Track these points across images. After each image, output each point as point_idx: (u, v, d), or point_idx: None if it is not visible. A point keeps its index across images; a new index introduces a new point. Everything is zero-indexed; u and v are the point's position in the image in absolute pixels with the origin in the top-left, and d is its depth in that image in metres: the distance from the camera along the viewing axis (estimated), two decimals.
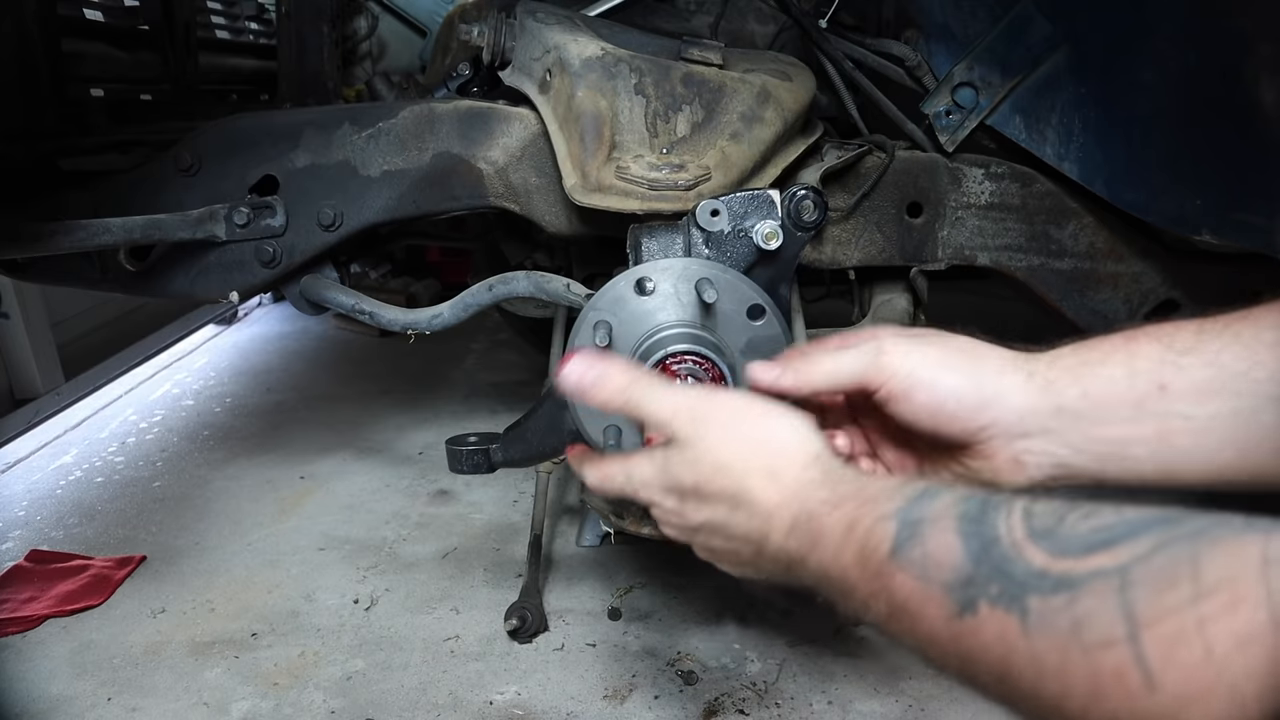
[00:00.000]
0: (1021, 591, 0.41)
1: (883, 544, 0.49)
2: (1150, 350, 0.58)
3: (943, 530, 0.47)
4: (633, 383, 0.67)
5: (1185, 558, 0.37)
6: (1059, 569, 0.41)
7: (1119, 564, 0.39)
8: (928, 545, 0.47)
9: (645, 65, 1.12)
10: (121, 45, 1.61)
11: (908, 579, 0.47)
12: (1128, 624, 0.37)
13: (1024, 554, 0.42)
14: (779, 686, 1.28)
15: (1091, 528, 0.41)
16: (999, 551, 0.44)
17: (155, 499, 1.90)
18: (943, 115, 1.31)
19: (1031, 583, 0.41)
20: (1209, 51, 1.09)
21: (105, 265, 1.34)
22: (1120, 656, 0.37)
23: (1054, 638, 0.39)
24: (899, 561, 0.48)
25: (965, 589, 0.44)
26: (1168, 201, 1.21)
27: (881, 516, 0.50)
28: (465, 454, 1.12)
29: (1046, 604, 0.40)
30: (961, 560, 0.45)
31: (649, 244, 0.98)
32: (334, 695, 1.28)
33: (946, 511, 0.48)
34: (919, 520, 0.48)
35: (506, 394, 2.46)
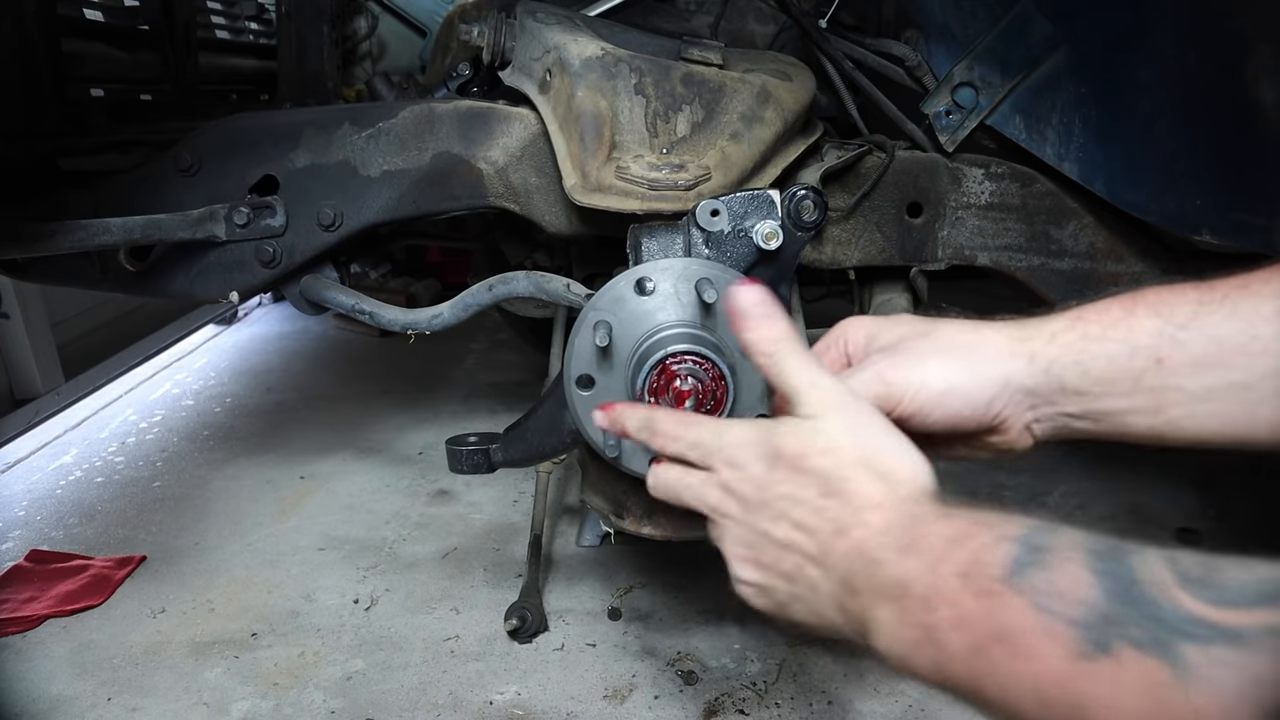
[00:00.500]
0: (1173, 637, 0.38)
1: (998, 565, 0.44)
2: (1149, 325, 0.58)
3: (1071, 562, 0.42)
4: (786, 339, 0.62)
5: None
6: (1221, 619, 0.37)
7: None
8: (1053, 573, 0.42)
9: (645, 65, 1.12)
10: (121, 45, 1.61)
11: (1025, 607, 0.42)
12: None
13: (1176, 600, 0.39)
14: (779, 686, 1.28)
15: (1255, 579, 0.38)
16: (1141, 594, 0.40)
17: (155, 499, 1.90)
18: (943, 115, 1.32)
19: (1188, 630, 0.37)
20: (1209, 51, 1.09)
21: (105, 265, 1.34)
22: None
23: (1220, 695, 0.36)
24: (1016, 584, 0.43)
25: (1099, 627, 0.40)
26: (1168, 201, 1.21)
27: (1000, 537, 0.46)
28: (465, 454, 1.12)
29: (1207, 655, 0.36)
30: (1095, 596, 0.41)
31: (649, 244, 0.98)
32: (334, 695, 1.28)
33: (1074, 544, 0.44)
34: (1043, 547, 0.44)
35: (506, 394, 2.46)
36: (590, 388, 0.94)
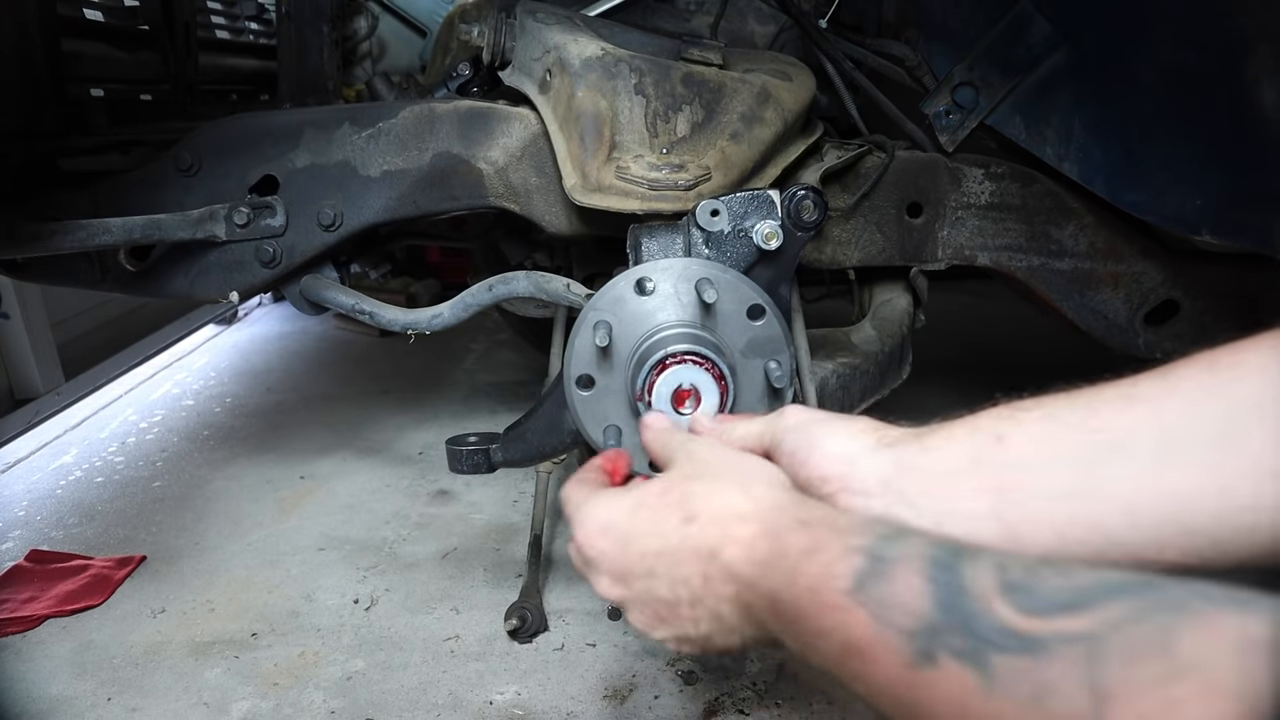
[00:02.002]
0: (985, 648, 0.39)
1: (844, 577, 0.46)
2: (993, 411, 0.58)
3: (910, 572, 0.44)
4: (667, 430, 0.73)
5: (1159, 630, 0.35)
6: (1027, 628, 0.39)
7: (1089, 630, 0.37)
8: (894, 585, 0.44)
9: (645, 65, 1.12)
10: (121, 45, 1.61)
11: (865, 619, 0.44)
12: (1094, 699, 0.35)
13: (992, 608, 0.41)
14: (779, 686, 1.28)
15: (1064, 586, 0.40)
16: (966, 603, 0.41)
17: (155, 499, 1.90)
18: (943, 115, 1.32)
19: (997, 640, 0.39)
20: (1209, 51, 1.09)
21: (105, 265, 1.34)
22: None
23: (1014, 702, 0.38)
24: (859, 597, 0.45)
25: (927, 638, 0.42)
26: (1168, 201, 1.21)
27: (850, 548, 0.48)
28: (465, 454, 1.12)
29: (1011, 665, 0.38)
30: (926, 606, 0.43)
31: (649, 244, 0.98)
32: (334, 695, 1.28)
33: (917, 553, 0.45)
34: (886, 558, 0.46)
35: (506, 394, 2.46)
36: (590, 388, 0.94)
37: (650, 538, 0.59)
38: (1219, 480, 0.49)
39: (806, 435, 0.65)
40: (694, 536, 0.56)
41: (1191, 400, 0.51)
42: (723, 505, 0.57)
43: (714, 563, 0.55)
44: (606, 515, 0.63)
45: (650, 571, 0.59)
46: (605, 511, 0.63)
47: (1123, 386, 0.54)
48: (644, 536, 0.59)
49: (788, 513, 0.54)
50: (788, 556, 0.50)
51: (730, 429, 0.72)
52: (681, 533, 0.57)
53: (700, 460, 0.63)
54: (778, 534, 0.52)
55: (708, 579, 0.56)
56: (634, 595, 0.61)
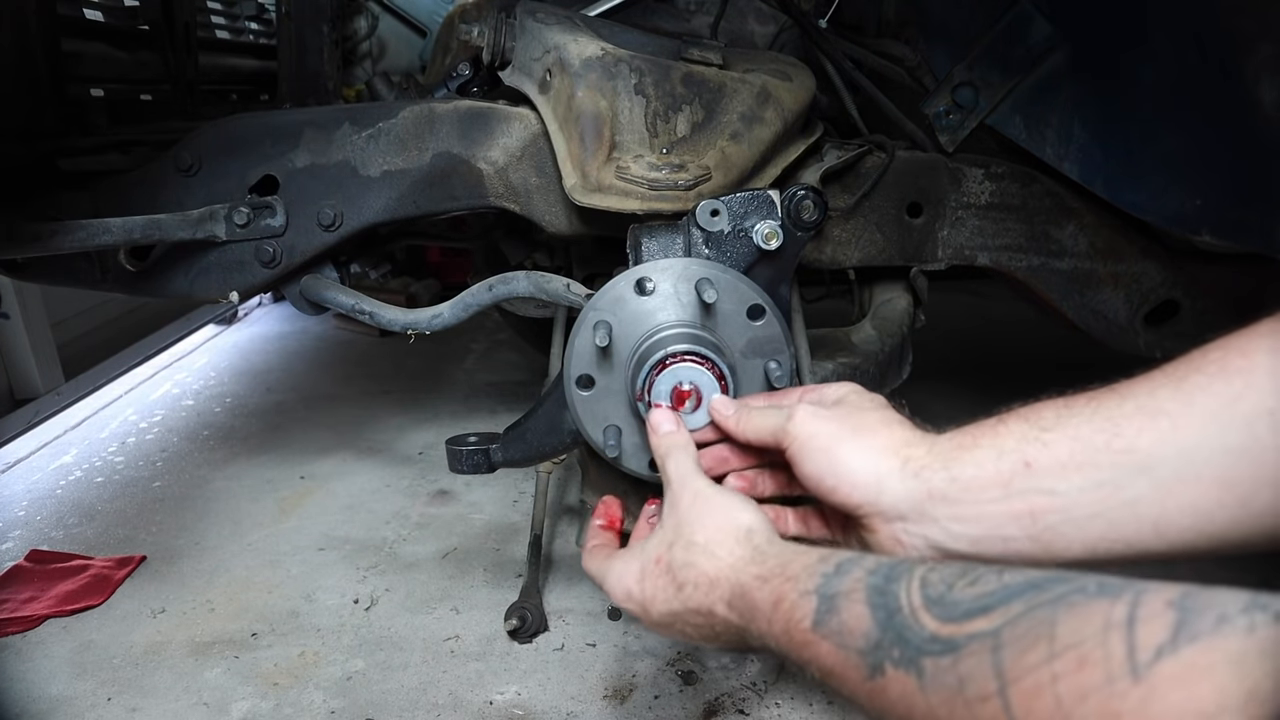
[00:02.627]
0: (917, 654, 0.47)
1: (805, 618, 0.55)
2: (1017, 429, 0.60)
3: (855, 602, 0.52)
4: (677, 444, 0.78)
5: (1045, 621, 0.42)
6: (946, 633, 0.46)
7: (993, 627, 0.44)
8: (843, 616, 0.52)
9: (645, 65, 1.12)
10: (121, 45, 1.61)
11: (830, 647, 0.53)
12: (998, 680, 0.42)
13: (919, 620, 0.48)
14: (779, 686, 1.28)
15: (974, 595, 0.47)
16: (900, 619, 0.49)
17: (155, 499, 1.90)
18: (943, 115, 1.32)
19: (925, 646, 0.47)
20: (1209, 51, 1.09)
21: (105, 265, 1.34)
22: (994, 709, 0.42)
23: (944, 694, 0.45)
24: (820, 632, 0.54)
25: (874, 653, 0.50)
26: (1168, 201, 1.21)
27: (804, 593, 0.56)
28: (465, 454, 1.12)
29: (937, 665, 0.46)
30: (870, 628, 0.51)
31: (649, 244, 0.98)
32: (334, 695, 1.28)
33: (858, 584, 0.53)
34: (835, 594, 0.54)
35: (506, 394, 2.46)
36: (590, 388, 0.94)
37: (660, 604, 0.69)
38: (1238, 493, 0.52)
39: (829, 458, 0.67)
40: (689, 601, 0.66)
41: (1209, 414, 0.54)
42: (699, 574, 0.65)
43: (712, 619, 0.65)
44: (625, 588, 0.73)
45: (673, 624, 0.69)
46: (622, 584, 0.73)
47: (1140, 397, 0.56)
48: (655, 602, 0.70)
49: (748, 571, 0.62)
50: (760, 610, 0.59)
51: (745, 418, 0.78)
52: (680, 599, 0.67)
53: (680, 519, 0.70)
54: (745, 593, 0.61)
55: (712, 625, 0.65)
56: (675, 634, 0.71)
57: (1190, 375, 0.55)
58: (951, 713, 0.44)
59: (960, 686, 0.44)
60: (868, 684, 0.50)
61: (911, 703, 0.47)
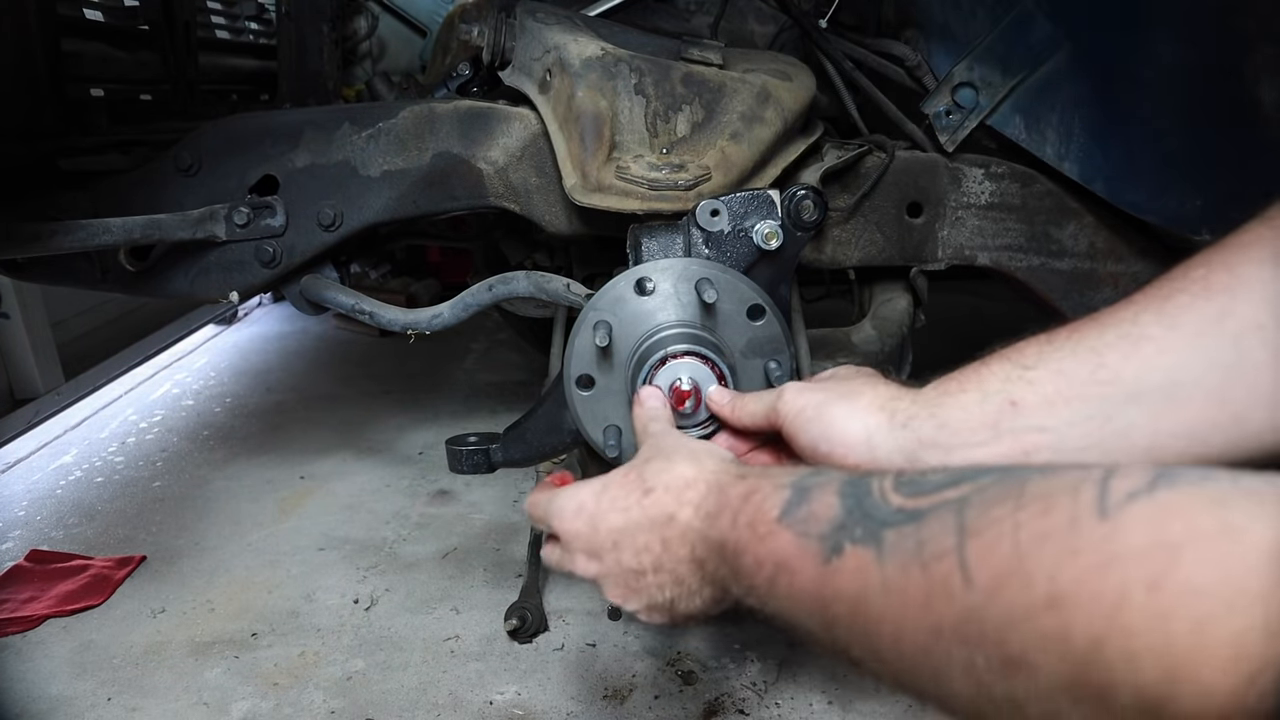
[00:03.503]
0: (880, 527, 0.45)
1: (774, 509, 0.53)
2: (1000, 370, 0.60)
3: (827, 492, 0.51)
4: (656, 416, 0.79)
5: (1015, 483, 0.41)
6: (911, 505, 0.45)
7: (962, 495, 0.43)
8: (812, 505, 0.51)
9: (645, 65, 1.12)
10: (121, 45, 1.61)
11: (790, 536, 0.51)
12: (958, 535, 0.41)
13: (887, 499, 0.47)
14: (779, 686, 1.28)
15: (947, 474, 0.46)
16: (869, 502, 0.48)
17: (155, 499, 1.90)
18: (943, 115, 1.31)
19: (889, 519, 0.45)
20: (1209, 51, 1.09)
21: (105, 265, 1.34)
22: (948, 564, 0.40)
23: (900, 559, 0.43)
24: (785, 521, 0.52)
25: (835, 535, 0.48)
26: (1168, 201, 1.21)
27: (779, 486, 0.54)
28: (465, 454, 1.12)
29: (899, 533, 0.44)
30: (836, 513, 0.49)
31: (649, 244, 0.98)
32: (334, 695, 1.28)
33: (833, 479, 0.52)
34: (809, 487, 0.53)
35: (506, 394, 2.46)
36: (590, 388, 0.94)
37: (614, 514, 0.66)
38: (1232, 411, 0.51)
39: (820, 425, 0.68)
40: (652, 506, 0.63)
41: (1195, 334, 0.53)
42: (675, 476, 0.64)
43: (671, 526, 0.62)
44: (579, 499, 0.70)
45: (616, 544, 0.65)
46: (578, 496, 0.70)
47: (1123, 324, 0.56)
48: (609, 513, 0.66)
49: (728, 471, 0.61)
50: (730, 504, 0.57)
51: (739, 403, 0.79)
52: (641, 505, 0.64)
53: (658, 445, 0.70)
54: (721, 488, 0.59)
55: (666, 543, 0.62)
56: (606, 569, 0.67)
57: (1173, 296, 0.54)
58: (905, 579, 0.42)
59: (918, 550, 0.42)
60: (821, 569, 0.48)
61: (866, 578, 0.45)
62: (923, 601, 0.41)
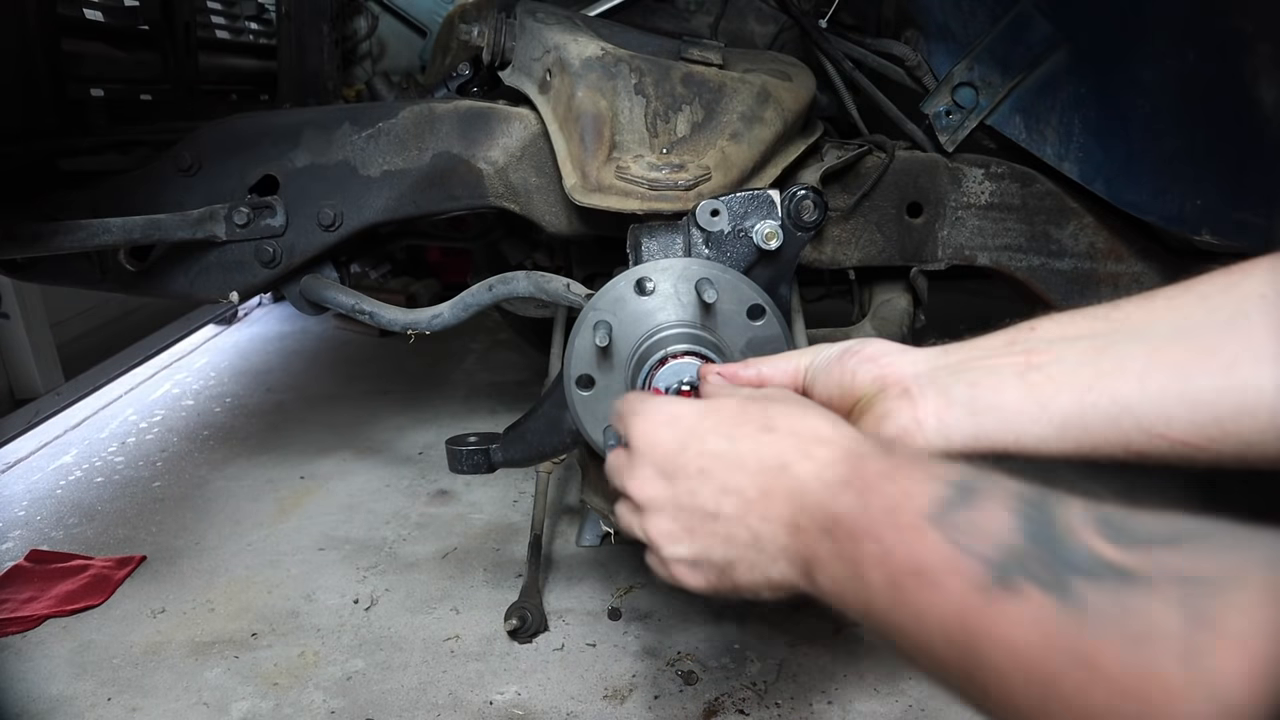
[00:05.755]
0: (1070, 573, 0.39)
1: (923, 500, 0.46)
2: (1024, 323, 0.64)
3: (998, 504, 0.44)
4: None
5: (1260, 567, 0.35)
6: (1118, 558, 0.38)
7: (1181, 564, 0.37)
8: (976, 514, 0.44)
9: (645, 65, 1.12)
10: (121, 45, 1.61)
11: (941, 543, 0.43)
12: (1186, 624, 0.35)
13: (1081, 539, 0.40)
14: (779, 686, 1.28)
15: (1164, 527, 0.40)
16: (1054, 533, 0.41)
17: (155, 499, 1.90)
18: (943, 115, 1.32)
19: (1084, 566, 0.39)
20: (1209, 51, 1.09)
21: (105, 265, 1.34)
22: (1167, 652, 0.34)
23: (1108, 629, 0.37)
24: (937, 522, 0.44)
25: (1007, 563, 0.41)
26: (1168, 201, 1.21)
27: (932, 476, 0.47)
28: (465, 454, 1.12)
29: (1097, 590, 0.38)
30: (1010, 534, 0.42)
31: (649, 244, 0.98)
32: (334, 695, 1.28)
33: (1004, 488, 0.45)
34: (974, 489, 0.45)
35: (506, 394, 2.46)
36: (590, 388, 0.94)
37: (716, 437, 0.58)
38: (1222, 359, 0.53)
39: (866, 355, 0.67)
40: (767, 446, 0.56)
41: (1204, 295, 0.57)
42: (807, 426, 0.56)
43: (781, 477, 0.54)
44: (676, 409, 0.62)
45: (703, 471, 0.57)
46: (675, 407, 0.62)
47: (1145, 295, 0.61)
48: (710, 435, 0.58)
49: (870, 443, 0.54)
50: (865, 478, 0.50)
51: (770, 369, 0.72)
52: (755, 440, 0.56)
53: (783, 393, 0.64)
54: (860, 457, 0.52)
55: (765, 493, 0.54)
56: (671, 495, 0.59)
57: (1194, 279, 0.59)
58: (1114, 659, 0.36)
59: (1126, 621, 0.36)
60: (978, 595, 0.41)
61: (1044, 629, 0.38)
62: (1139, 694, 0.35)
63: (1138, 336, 0.57)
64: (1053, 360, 0.59)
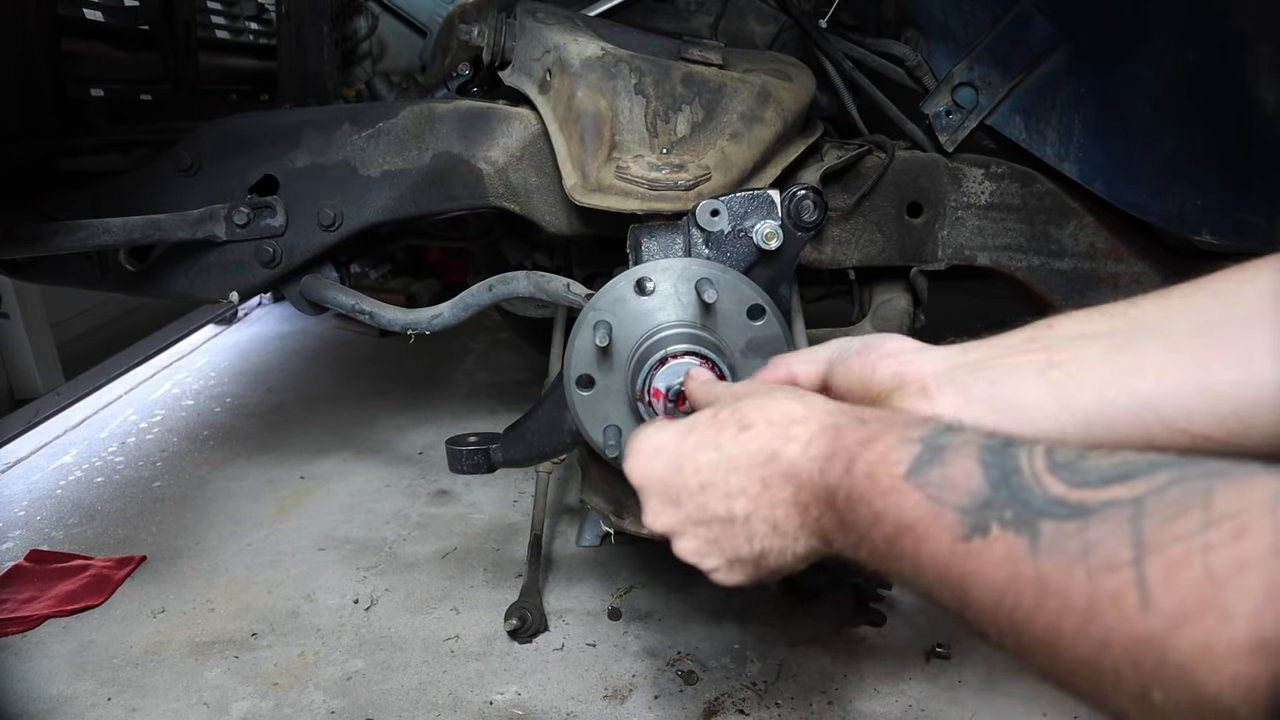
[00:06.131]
0: (1035, 516, 0.42)
1: (901, 462, 0.49)
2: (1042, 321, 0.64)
3: (965, 457, 0.47)
4: None
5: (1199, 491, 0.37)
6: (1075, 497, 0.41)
7: (1134, 495, 0.39)
8: (948, 468, 0.47)
9: (645, 65, 1.12)
10: (121, 45, 1.61)
11: (921, 499, 0.47)
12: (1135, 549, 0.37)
13: (1043, 483, 0.43)
14: (779, 686, 1.28)
15: (1112, 463, 0.42)
16: (1019, 480, 0.44)
17: (155, 499, 1.90)
18: (943, 115, 1.32)
19: (1047, 509, 0.42)
20: (1209, 51, 1.09)
21: (105, 265, 1.34)
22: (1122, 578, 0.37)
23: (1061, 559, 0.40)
24: (915, 480, 0.48)
25: (980, 512, 0.44)
26: (1168, 201, 1.21)
27: (905, 439, 0.51)
28: (465, 454, 1.12)
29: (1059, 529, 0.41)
30: (980, 485, 0.45)
31: (649, 244, 0.98)
32: (334, 695, 1.28)
33: (971, 441, 0.48)
34: (943, 446, 0.49)
35: (506, 394, 2.46)
36: (590, 388, 0.94)
37: (704, 451, 0.61)
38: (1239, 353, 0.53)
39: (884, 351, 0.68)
40: (751, 442, 0.58)
41: (1218, 292, 0.57)
42: (779, 412, 0.59)
43: (773, 464, 0.57)
44: (658, 439, 0.65)
45: (704, 484, 0.60)
46: (657, 436, 0.65)
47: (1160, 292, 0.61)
48: (697, 451, 0.61)
49: (844, 413, 0.57)
50: (846, 448, 0.53)
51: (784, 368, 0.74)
52: (738, 440, 0.59)
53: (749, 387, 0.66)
54: (836, 429, 0.55)
55: (766, 484, 0.57)
56: (686, 516, 0.62)
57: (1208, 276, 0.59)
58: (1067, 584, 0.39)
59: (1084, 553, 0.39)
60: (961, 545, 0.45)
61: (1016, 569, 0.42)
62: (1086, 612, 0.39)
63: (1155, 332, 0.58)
64: (1073, 358, 0.59)
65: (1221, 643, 0.33)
